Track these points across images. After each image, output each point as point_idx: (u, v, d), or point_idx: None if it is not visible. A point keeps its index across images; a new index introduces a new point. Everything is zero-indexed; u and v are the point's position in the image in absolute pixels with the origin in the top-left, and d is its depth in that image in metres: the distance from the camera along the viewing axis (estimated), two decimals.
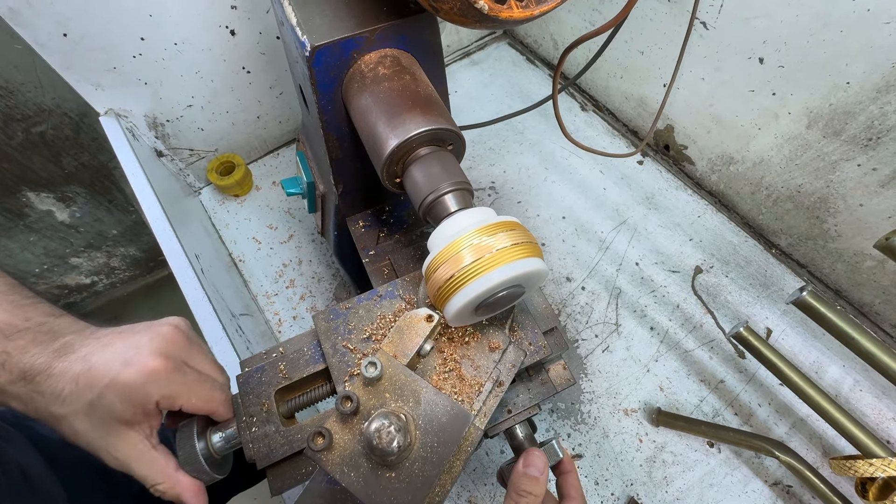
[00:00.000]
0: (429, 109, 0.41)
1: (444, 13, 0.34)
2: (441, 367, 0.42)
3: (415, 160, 0.41)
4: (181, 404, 0.38)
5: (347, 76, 0.44)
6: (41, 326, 0.37)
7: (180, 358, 0.39)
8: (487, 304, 0.38)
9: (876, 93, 0.65)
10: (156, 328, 0.39)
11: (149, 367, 0.36)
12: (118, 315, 1.54)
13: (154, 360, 0.36)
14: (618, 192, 1.00)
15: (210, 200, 1.03)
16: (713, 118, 0.89)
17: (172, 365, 0.37)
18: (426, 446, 0.35)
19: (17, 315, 0.36)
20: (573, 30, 1.07)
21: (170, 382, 0.37)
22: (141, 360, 0.36)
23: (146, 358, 0.36)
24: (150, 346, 0.37)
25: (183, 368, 0.39)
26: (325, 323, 0.45)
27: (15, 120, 1.02)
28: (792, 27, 0.70)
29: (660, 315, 0.87)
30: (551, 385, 0.51)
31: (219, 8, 0.77)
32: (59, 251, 1.31)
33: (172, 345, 0.38)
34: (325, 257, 0.96)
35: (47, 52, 0.68)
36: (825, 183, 0.78)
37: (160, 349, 0.37)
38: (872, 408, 0.77)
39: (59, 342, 0.36)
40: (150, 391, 0.36)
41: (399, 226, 0.61)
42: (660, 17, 0.87)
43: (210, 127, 0.94)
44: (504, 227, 0.38)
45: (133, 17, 0.71)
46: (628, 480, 0.73)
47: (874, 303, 0.82)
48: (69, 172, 1.16)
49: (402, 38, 0.44)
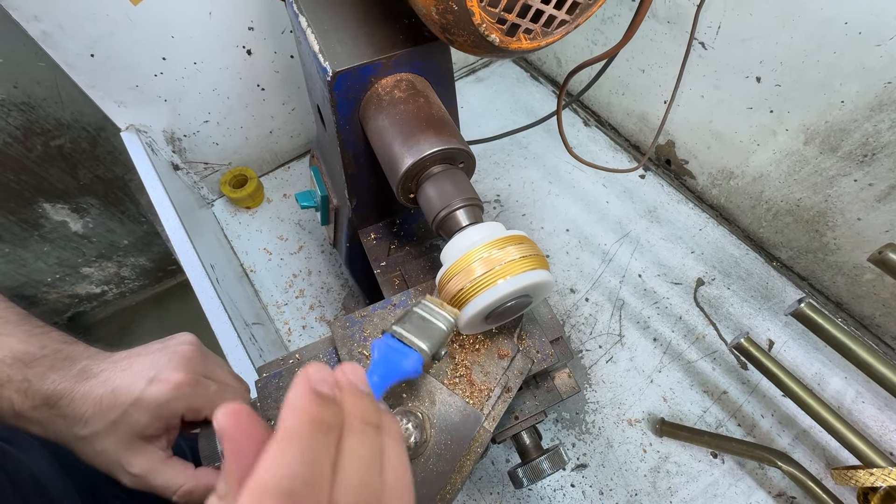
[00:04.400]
0: (441, 130, 0.44)
1: (457, 44, 0.37)
2: (452, 371, 0.44)
3: (428, 177, 0.44)
4: (205, 415, 0.40)
5: (365, 99, 0.47)
6: (58, 353, 0.38)
7: (200, 372, 0.40)
8: (497, 313, 0.40)
9: (870, 111, 0.68)
10: (172, 347, 0.40)
11: (173, 382, 0.38)
12: (127, 324, 1.56)
13: (177, 375, 0.38)
14: (620, 205, 1.02)
15: (223, 212, 1.06)
16: (713, 134, 0.92)
17: (194, 379, 0.39)
18: (440, 444, 0.37)
19: (32, 344, 0.38)
20: (576, 48, 1.10)
21: (194, 396, 0.39)
22: (165, 376, 0.38)
23: (170, 374, 0.38)
24: (171, 364, 0.39)
25: (204, 382, 0.40)
26: (342, 330, 0.47)
27: (35, 133, 1.06)
28: (787, 48, 0.72)
29: (663, 326, 0.88)
30: (557, 392, 0.53)
31: (237, 29, 0.81)
32: (71, 261, 1.34)
33: (191, 361, 0.40)
34: (334, 268, 0.98)
35: (75, 72, 0.72)
36: (823, 197, 0.80)
37: (181, 365, 0.39)
38: (875, 419, 0.78)
39: (77, 367, 0.38)
40: (176, 406, 0.38)
41: (409, 238, 0.63)
42: (660, 37, 0.90)
43: (224, 141, 0.97)
44: (513, 240, 0.40)
45: (156, 38, 0.74)
46: (633, 490, 0.74)
47: (875, 315, 0.84)
48: (84, 184, 1.20)
49: (417, 63, 0.47)
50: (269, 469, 0.20)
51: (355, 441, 0.23)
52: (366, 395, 0.25)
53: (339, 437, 0.23)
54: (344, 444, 0.23)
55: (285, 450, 0.21)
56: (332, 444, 0.22)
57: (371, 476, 0.23)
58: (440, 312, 0.38)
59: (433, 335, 0.36)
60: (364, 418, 0.24)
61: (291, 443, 0.21)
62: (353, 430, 0.23)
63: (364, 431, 0.24)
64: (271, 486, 0.19)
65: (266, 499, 0.19)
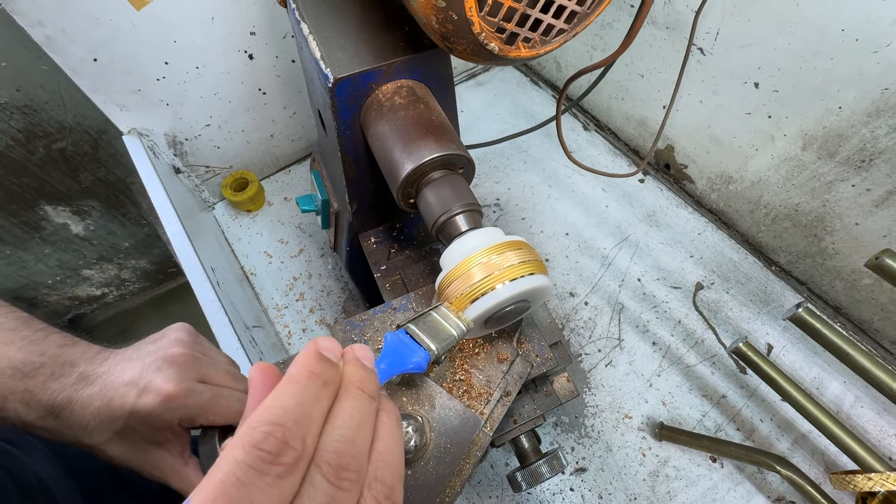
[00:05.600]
0: (441, 136, 0.44)
1: (457, 52, 0.38)
2: (452, 375, 0.44)
3: (428, 183, 0.44)
4: (201, 422, 0.39)
5: (366, 105, 0.47)
6: (57, 359, 0.37)
7: (193, 377, 0.39)
8: (496, 317, 0.41)
9: (867, 117, 0.68)
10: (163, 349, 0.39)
11: (162, 393, 0.37)
12: (127, 326, 1.57)
13: (167, 385, 0.37)
14: (619, 209, 1.03)
15: (223, 215, 1.06)
16: (712, 139, 0.92)
17: (185, 388, 0.38)
18: (439, 447, 0.37)
19: (32, 351, 0.37)
20: (575, 53, 1.11)
21: (186, 407, 0.38)
22: (154, 386, 0.37)
23: (159, 384, 0.37)
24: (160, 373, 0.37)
25: (197, 388, 0.39)
26: (342, 334, 0.47)
27: (37, 136, 1.06)
28: (785, 54, 0.73)
29: (662, 330, 0.88)
30: (556, 396, 0.53)
31: (239, 34, 0.81)
32: (72, 263, 1.34)
33: (182, 367, 0.39)
34: (334, 271, 0.98)
35: (78, 76, 0.72)
36: (821, 202, 0.80)
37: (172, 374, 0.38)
38: (874, 424, 0.78)
39: (76, 374, 0.37)
40: (169, 416, 0.37)
41: (409, 242, 0.63)
42: (659, 42, 0.91)
43: (226, 145, 0.97)
44: (511, 246, 0.41)
45: (159, 42, 0.75)
46: (632, 495, 0.74)
47: (873, 320, 0.84)
48: (86, 187, 1.20)
49: (417, 70, 0.47)
50: (265, 404, 0.22)
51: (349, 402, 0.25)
52: (368, 370, 0.27)
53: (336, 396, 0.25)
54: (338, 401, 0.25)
55: (283, 391, 0.23)
56: (328, 397, 0.24)
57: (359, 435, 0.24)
58: (454, 320, 0.40)
59: (443, 338, 0.38)
60: (360, 385, 0.26)
61: (289, 385, 0.23)
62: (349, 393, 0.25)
63: (359, 397, 0.25)
64: (264, 418, 0.21)
65: (258, 429, 0.21)
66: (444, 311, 0.40)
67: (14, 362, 0.36)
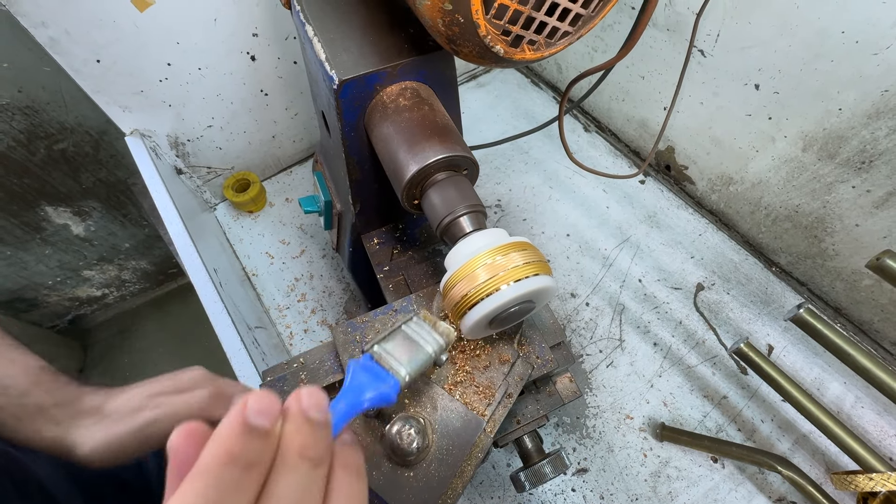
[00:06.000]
0: (445, 138, 0.44)
1: (462, 55, 0.38)
2: (454, 377, 0.44)
3: (432, 184, 0.44)
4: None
5: (370, 106, 0.47)
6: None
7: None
8: (500, 318, 0.41)
9: (867, 119, 0.69)
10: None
11: None
12: (127, 327, 1.56)
13: None
14: (620, 210, 1.03)
15: (225, 216, 1.06)
16: (712, 140, 0.93)
17: None
18: (441, 449, 0.37)
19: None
20: (577, 55, 1.11)
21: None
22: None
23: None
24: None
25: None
26: (344, 335, 0.47)
27: (38, 137, 1.06)
28: (785, 56, 0.73)
29: (663, 331, 0.89)
30: (558, 397, 0.53)
31: (241, 35, 0.82)
32: (72, 264, 1.34)
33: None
34: (335, 272, 0.98)
35: (81, 77, 0.72)
36: (822, 203, 0.81)
37: None
38: (874, 424, 0.78)
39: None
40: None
41: (412, 243, 0.64)
42: (660, 44, 0.91)
43: (228, 146, 0.97)
44: (516, 247, 0.41)
45: (162, 44, 0.75)
46: (633, 495, 0.74)
47: (873, 320, 0.84)
48: (86, 188, 1.20)
49: (422, 72, 0.48)
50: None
51: (283, 477, 0.21)
52: (314, 426, 0.23)
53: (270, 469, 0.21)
54: (272, 478, 0.21)
55: (187, 490, 0.19)
56: (253, 484, 0.20)
57: None
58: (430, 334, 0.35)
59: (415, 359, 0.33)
60: (301, 452, 0.22)
61: (198, 479, 0.19)
62: (285, 466, 0.21)
63: (296, 467, 0.21)
64: None
65: None
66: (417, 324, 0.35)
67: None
